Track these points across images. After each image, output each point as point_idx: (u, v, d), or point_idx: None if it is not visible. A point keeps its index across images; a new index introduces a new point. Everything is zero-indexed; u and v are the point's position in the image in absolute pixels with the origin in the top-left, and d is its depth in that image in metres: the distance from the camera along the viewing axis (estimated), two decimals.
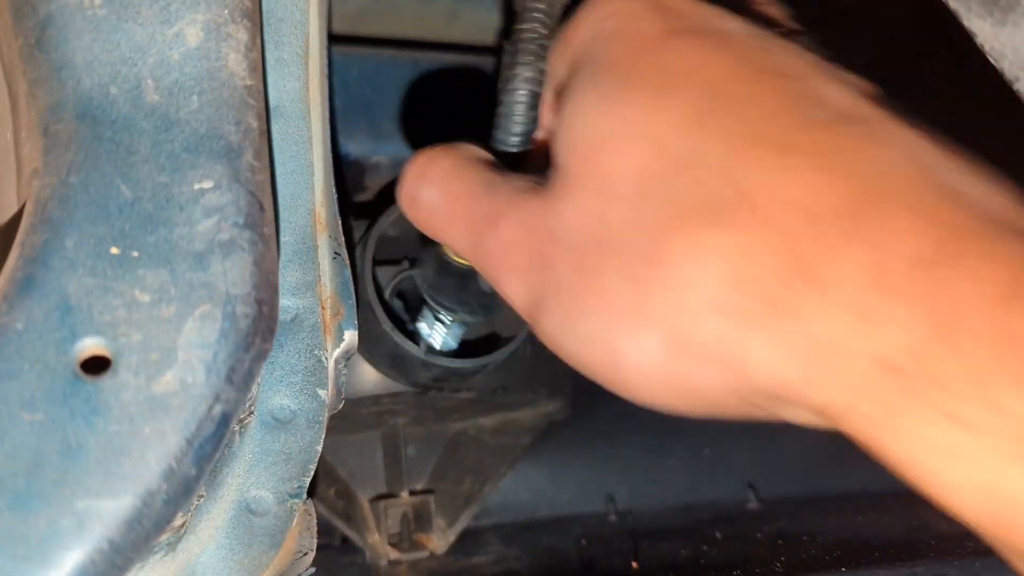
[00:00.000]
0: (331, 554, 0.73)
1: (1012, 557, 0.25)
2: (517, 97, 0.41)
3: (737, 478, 0.70)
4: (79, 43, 0.34)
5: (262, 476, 0.44)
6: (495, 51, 0.78)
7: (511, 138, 0.42)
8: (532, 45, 0.42)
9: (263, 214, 0.36)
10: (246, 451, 0.44)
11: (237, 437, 0.43)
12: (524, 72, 0.41)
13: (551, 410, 0.77)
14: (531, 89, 0.42)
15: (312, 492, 0.47)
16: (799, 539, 0.64)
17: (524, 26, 0.43)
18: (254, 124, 0.36)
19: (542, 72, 0.41)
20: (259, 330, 0.34)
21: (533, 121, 0.42)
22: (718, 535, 0.68)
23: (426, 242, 0.53)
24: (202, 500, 0.41)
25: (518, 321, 0.67)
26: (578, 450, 0.81)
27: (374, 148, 0.71)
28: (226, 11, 0.36)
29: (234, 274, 0.33)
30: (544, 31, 0.42)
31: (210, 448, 0.32)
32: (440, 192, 0.37)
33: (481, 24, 0.81)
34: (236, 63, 0.36)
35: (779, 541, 0.64)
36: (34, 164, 0.33)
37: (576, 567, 0.73)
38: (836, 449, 0.62)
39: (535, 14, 0.42)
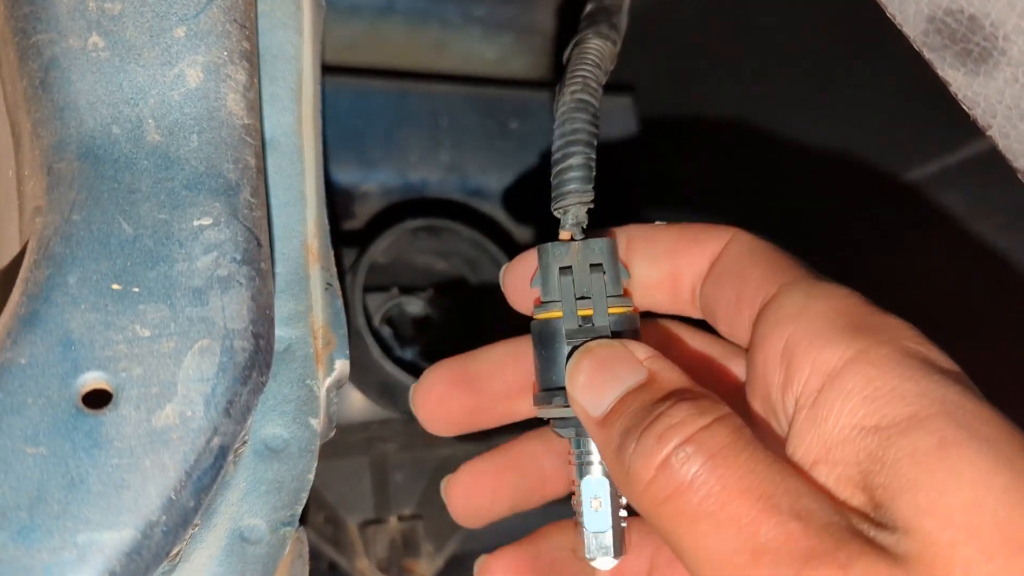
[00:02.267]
0: None
1: None
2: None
3: None
4: (82, 84, 0.35)
5: (255, 504, 0.44)
6: (483, 81, 0.80)
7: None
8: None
9: (260, 250, 0.37)
10: (239, 480, 0.45)
11: (231, 466, 0.43)
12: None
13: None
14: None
15: (303, 519, 0.47)
16: None
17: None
18: (252, 162, 0.37)
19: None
20: (256, 364, 0.35)
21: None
22: None
23: None
24: (196, 529, 0.42)
25: None
26: None
27: (363, 177, 0.72)
28: (225, 53, 0.37)
29: (232, 309, 0.34)
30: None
31: (208, 480, 0.33)
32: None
33: (470, 54, 0.83)
34: (235, 103, 0.37)
35: None
36: (37, 202, 0.34)
37: None
38: None
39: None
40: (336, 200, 0.72)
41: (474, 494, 0.45)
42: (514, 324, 0.45)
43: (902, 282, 0.55)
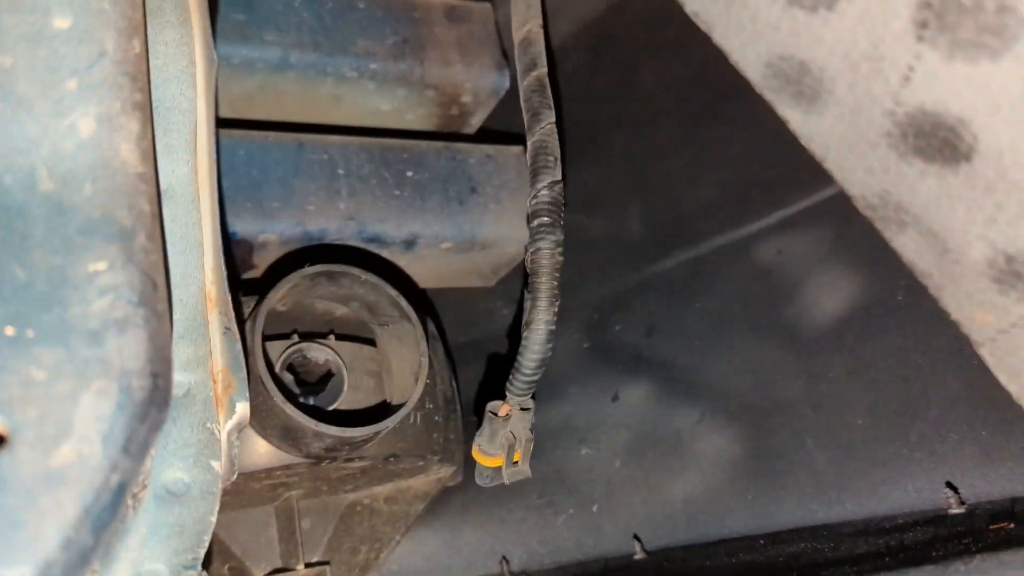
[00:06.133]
0: None
1: None
2: None
3: (624, 531, 0.73)
4: None
5: (156, 549, 0.45)
6: (377, 132, 0.82)
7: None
8: None
9: (156, 292, 0.38)
10: (140, 525, 0.45)
11: (131, 511, 0.44)
12: None
13: (443, 476, 0.79)
14: None
15: (206, 567, 0.47)
16: None
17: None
18: (146, 208, 0.39)
19: None
20: (155, 401, 0.36)
21: None
22: None
23: None
24: (96, 575, 0.42)
25: (407, 388, 0.69)
26: (471, 514, 0.83)
27: (262, 227, 0.73)
28: (118, 104, 0.38)
29: (129, 349, 0.35)
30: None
31: (108, 517, 0.34)
32: None
33: (363, 107, 0.85)
34: (128, 152, 0.38)
35: None
36: None
37: None
38: (714, 497, 0.66)
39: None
40: (235, 250, 0.73)
41: None
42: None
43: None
